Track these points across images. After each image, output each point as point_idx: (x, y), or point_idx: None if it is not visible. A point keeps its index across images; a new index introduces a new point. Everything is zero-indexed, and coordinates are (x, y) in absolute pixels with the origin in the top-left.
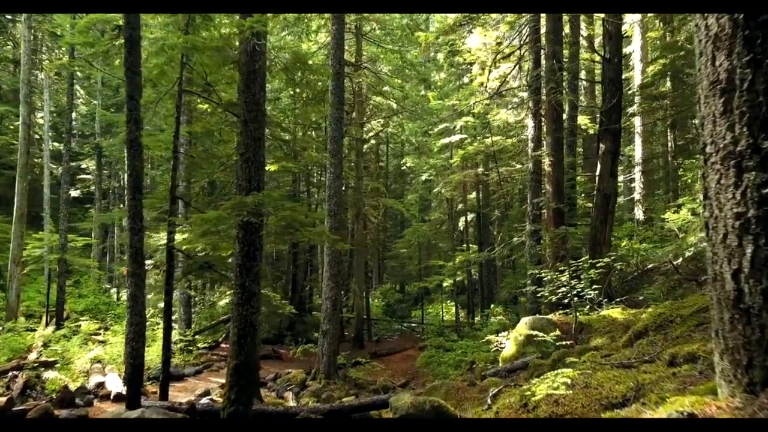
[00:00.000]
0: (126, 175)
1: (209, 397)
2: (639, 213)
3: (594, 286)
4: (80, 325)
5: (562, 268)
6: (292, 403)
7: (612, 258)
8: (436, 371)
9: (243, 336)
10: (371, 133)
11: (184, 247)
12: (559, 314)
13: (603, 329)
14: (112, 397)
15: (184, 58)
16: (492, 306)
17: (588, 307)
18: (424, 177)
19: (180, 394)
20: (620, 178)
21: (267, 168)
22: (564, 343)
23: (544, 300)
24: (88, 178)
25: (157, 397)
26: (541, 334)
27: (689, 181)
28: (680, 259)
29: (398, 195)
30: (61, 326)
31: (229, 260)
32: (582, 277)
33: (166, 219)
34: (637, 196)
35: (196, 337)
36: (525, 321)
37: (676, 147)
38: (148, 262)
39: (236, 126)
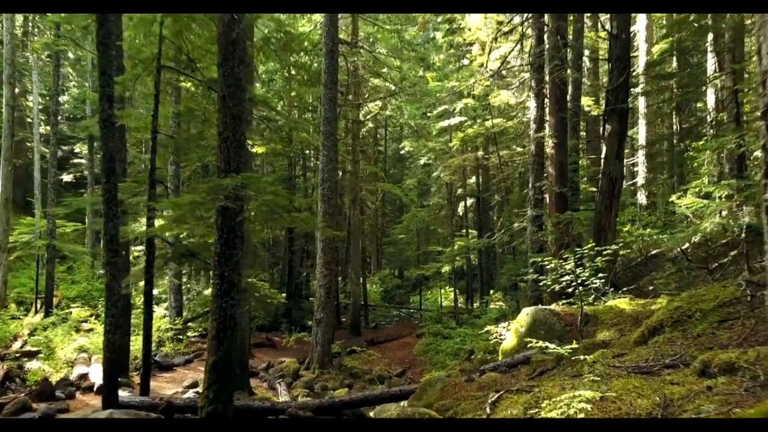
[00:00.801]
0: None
1: (196, 389)
2: (642, 198)
3: (599, 275)
4: (70, 312)
5: (567, 255)
6: (283, 395)
7: (620, 245)
8: (434, 360)
9: (222, 330)
10: (368, 116)
11: (167, 234)
12: (562, 304)
13: (610, 321)
14: (95, 389)
15: (162, 30)
16: (491, 292)
17: (593, 296)
18: (422, 161)
19: (167, 385)
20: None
21: (255, 150)
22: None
23: (546, 289)
24: (82, 162)
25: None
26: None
27: (696, 164)
28: (687, 245)
29: (397, 180)
30: (50, 314)
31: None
32: (587, 265)
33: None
34: (640, 180)
35: (189, 324)
36: (526, 312)
37: (681, 130)
38: (139, 248)
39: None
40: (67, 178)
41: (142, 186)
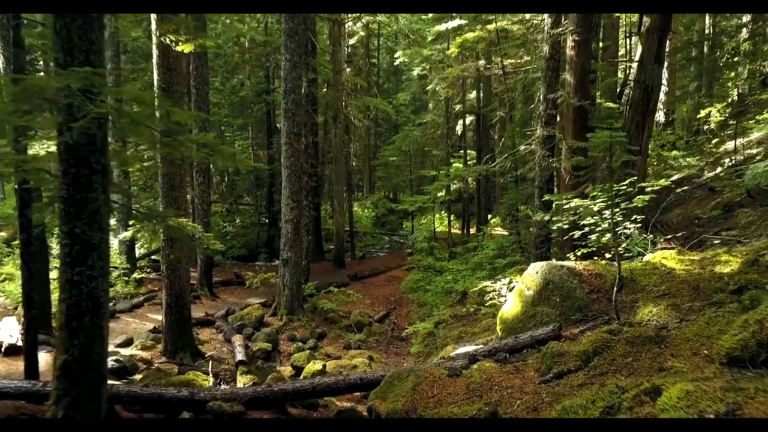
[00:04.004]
0: None
1: (130, 349)
2: (660, 115)
3: (635, 217)
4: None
5: (595, 192)
6: (239, 353)
7: (671, 181)
8: (423, 299)
9: (77, 316)
10: (356, 20)
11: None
12: (580, 255)
13: (655, 288)
14: (3, 350)
15: None
16: (489, 217)
17: (622, 246)
18: (416, 71)
19: None
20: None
21: (180, 48)
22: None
23: (561, 237)
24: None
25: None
26: None
27: (733, 75)
28: (708, 173)
29: (392, 95)
30: None
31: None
32: (622, 206)
33: None
34: (660, 95)
35: (138, 263)
36: (536, 269)
37: (714, 35)
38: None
39: None
40: None
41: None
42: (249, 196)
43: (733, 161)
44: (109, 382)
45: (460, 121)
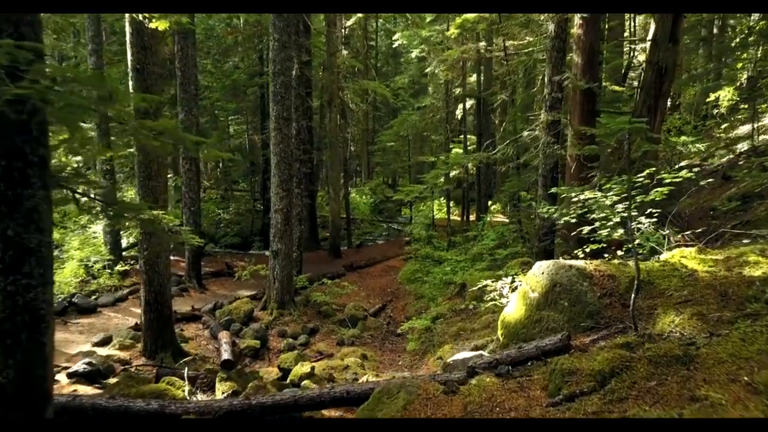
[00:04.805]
0: None
1: (107, 348)
2: None
3: (649, 211)
4: None
5: (609, 184)
6: (225, 351)
7: (692, 171)
8: (420, 291)
9: (11, 332)
10: None
11: None
12: (589, 251)
13: (676, 292)
14: None
15: None
16: (490, 204)
17: (636, 242)
18: (415, 53)
19: (76, 339)
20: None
21: (153, 25)
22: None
23: (570, 232)
24: None
25: None
26: None
27: (746, 56)
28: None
29: (391, 78)
30: None
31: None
32: (637, 199)
33: None
34: None
35: (123, 254)
36: (541, 269)
37: (724, 14)
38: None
39: None
40: None
41: None
42: (244, 182)
43: (753, 144)
44: (79, 388)
45: (460, 105)
